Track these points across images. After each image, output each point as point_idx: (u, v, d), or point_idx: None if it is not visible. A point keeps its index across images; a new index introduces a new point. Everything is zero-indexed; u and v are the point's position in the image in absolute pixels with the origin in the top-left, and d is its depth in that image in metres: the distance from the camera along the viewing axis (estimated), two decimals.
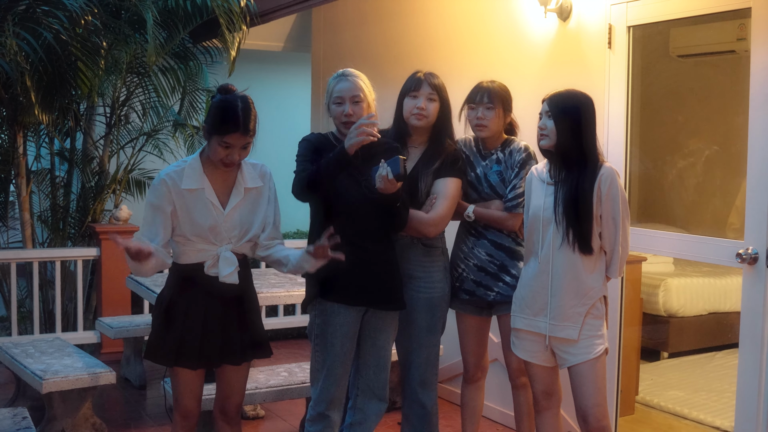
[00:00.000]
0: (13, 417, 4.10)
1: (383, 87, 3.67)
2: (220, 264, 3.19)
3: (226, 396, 3.40)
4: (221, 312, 3.26)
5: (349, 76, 3.39)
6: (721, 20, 4.66)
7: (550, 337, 3.30)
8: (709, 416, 4.92)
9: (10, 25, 5.43)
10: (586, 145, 3.24)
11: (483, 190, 3.71)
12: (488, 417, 4.97)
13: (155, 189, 3.18)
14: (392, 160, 3.14)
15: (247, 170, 3.28)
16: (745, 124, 3.64)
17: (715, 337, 6.23)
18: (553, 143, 3.26)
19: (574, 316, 3.25)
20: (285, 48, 8.30)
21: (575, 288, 3.25)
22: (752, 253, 3.56)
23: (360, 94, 3.35)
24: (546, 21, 4.55)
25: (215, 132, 3.10)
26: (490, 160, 3.73)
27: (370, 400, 3.50)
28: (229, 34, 6.28)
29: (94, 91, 6.07)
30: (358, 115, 3.33)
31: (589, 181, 3.22)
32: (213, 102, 3.16)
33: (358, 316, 3.40)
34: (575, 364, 3.28)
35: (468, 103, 3.74)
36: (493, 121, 3.68)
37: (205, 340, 3.23)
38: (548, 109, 3.26)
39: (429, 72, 3.62)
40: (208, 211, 3.18)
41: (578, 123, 3.24)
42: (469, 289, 3.72)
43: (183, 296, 3.24)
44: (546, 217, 3.29)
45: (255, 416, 5.12)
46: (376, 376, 3.48)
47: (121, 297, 6.42)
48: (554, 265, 3.27)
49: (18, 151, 6.33)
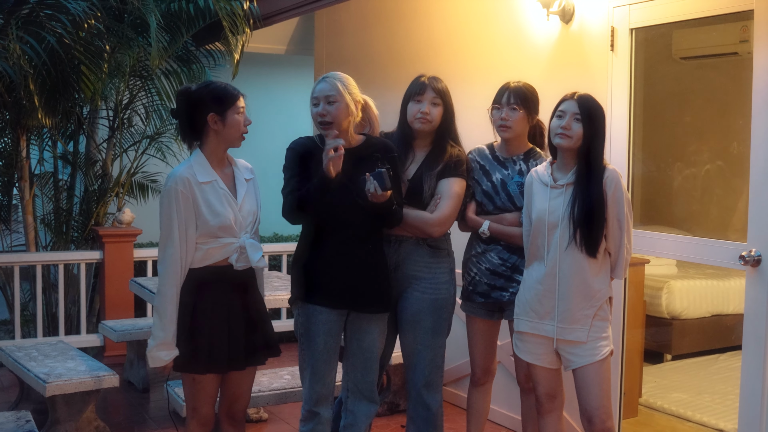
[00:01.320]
0: (17, 420, 4.11)
1: (386, 89, 3.68)
2: (249, 251, 3.24)
3: (233, 399, 3.40)
4: (242, 313, 3.28)
5: (329, 77, 3.40)
6: (723, 22, 4.65)
7: (558, 339, 3.30)
8: (713, 418, 4.91)
9: (13, 28, 5.44)
10: (601, 151, 3.27)
11: (499, 200, 3.68)
12: (493, 420, 4.96)
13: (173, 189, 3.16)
14: (376, 174, 3.16)
15: (240, 164, 3.39)
16: (748, 126, 3.63)
17: (718, 339, 6.22)
18: (576, 146, 3.25)
19: (582, 318, 3.25)
20: (288, 51, 8.31)
21: (583, 291, 3.25)
22: (755, 255, 3.56)
23: (335, 95, 3.33)
24: (548, 23, 4.55)
25: (229, 106, 3.20)
26: (513, 169, 3.70)
27: (360, 401, 3.50)
28: (232, 37, 6.29)
29: (98, 95, 6.08)
30: (331, 114, 3.33)
31: (596, 184, 3.22)
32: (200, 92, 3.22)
33: (340, 316, 3.42)
34: (581, 366, 3.28)
35: (494, 103, 3.72)
36: (517, 123, 3.65)
37: (231, 343, 3.24)
38: (577, 111, 3.24)
39: (433, 76, 3.63)
40: (226, 200, 3.21)
41: (602, 129, 3.27)
42: (484, 292, 3.72)
43: (205, 301, 3.23)
44: (552, 221, 3.28)
45: (258, 419, 5.12)
46: (363, 378, 3.49)
47: (124, 300, 6.43)
48: (561, 268, 3.27)
49: (21, 154, 6.35)
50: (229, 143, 3.28)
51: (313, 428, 3.45)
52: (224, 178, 3.27)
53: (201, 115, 3.19)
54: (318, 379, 3.42)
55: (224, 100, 3.20)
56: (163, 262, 3.18)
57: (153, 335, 3.20)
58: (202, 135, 3.24)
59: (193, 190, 3.15)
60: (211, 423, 3.34)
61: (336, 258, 3.37)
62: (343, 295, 3.38)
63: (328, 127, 3.34)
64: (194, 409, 3.30)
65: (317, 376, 3.42)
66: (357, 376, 3.49)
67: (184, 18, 6.38)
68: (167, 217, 3.15)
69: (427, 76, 3.63)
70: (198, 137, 3.26)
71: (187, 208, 3.15)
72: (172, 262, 3.15)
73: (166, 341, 3.17)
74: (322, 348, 3.40)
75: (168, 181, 3.19)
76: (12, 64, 5.49)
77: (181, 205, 3.14)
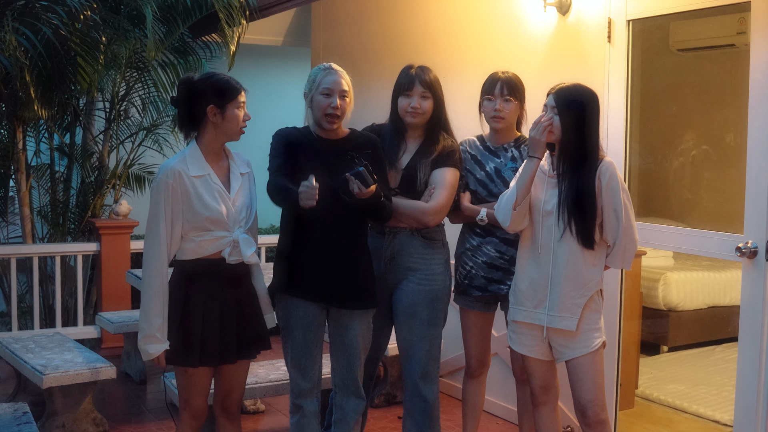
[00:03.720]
0: (14, 412, 4.12)
1: (382, 81, 3.68)
2: (242, 246, 3.22)
3: (227, 392, 3.40)
4: (234, 306, 3.27)
5: (338, 70, 3.41)
6: (720, 14, 4.65)
7: (549, 330, 3.31)
8: (709, 410, 4.93)
9: (9, 20, 5.43)
10: (589, 141, 3.24)
11: (495, 188, 3.68)
12: (489, 411, 4.97)
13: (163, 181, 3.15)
14: (356, 174, 3.14)
15: (237, 158, 3.37)
16: (745, 117, 3.63)
17: (714, 330, 6.24)
18: (557, 138, 3.26)
19: (572, 307, 3.26)
20: (284, 43, 8.30)
21: (574, 279, 3.26)
22: (752, 247, 3.57)
23: (347, 90, 3.38)
24: (545, 15, 4.54)
25: (230, 100, 3.18)
26: (505, 157, 3.71)
27: (348, 397, 3.50)
28: (228, 29, 6.28)
29: (94, 86, 6.06)
30: (343, 109, 3.36)
31: (589, 175, 3.22)
32: (202, 83, 3.20)
33: (320, 310, 3.42)
34: (573, 358, 3.29)
35: (485, 94, 3.72)
36: (511, 113, 3.67)
37: (223, 336, 3.24)
38: (554, 103, 3.25)
39: (421, 66, 3.61)
40: (219, 195, 3.20)
41: (582, 119, 3.24)
42: (481, 285, 3.72)
43: (198, 295, 3.21)
44: (546, 210, 3.29)
45: (255, 411, 5.13)
46: (348, 374, 3.47)
47: (121, 292, 6.43)
48: (555, 256, 3.27)
49: (18, 146, 6.33)
50: (227, 137, 3.26)
51: (299, 421, 3.47)
52: (219, 171, 3.26)
53: (201, 106, 3.18)
54: (298, 372, 3.43)
55: (226, 94, 3.19)
56: (147, 254, 3.17)
57: (139, 328, 3.20)
58: (199, 126, 3.23)
59: (184, 183, 3.14)
60: (203, 415, 3.35)
61: (315, 251, 3.35)
62: (321, 290, 3.37)
63: (335, 120, 3.35)
64: (186, 401, 3.31)
65: (297, 369, 3.43)
66: (342, 372, 3.48)
67: (181, 9, 6.36)
68: (155, 208, 3.15)
69: (415, 67, 3.61)
70: (195, 128, 3.25)
71: (176, 201, 3.13)
72: (155, 255, 3.14)
73: (150, 334, 3.15)
74: (301, 341, 3.40)
75: (159, 173, 3.18)
76: (8, 56, 5.47)
77: (169, 197, 3.12)
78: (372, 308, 3.49)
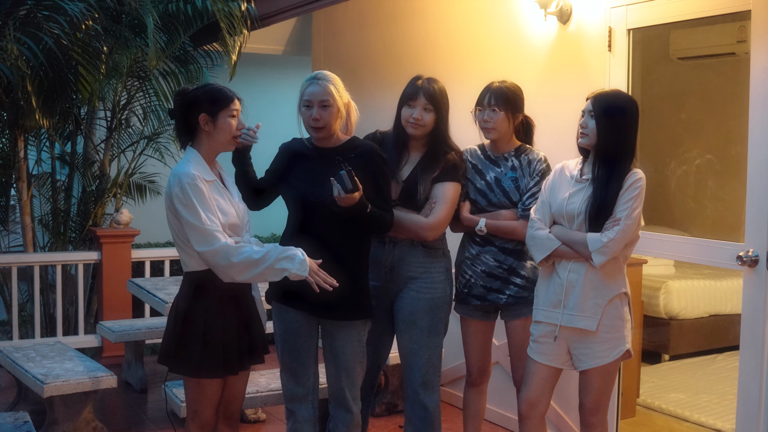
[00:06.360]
0: (15, 421, 4.11)
1: (383, 90, 3.69)
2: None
3: (229, 400, 3.39)
4: (245, 313, 3.27)
5: (321, 79, 3.37)
6: (721, 23, 4.66)
7: (569, 332, 3.30)
8: (711, 419, 4.92)
9: (11, 29, 5.44)
10: (624, 149, 3.23)
11: (494, 197, 3.68)
12: (490, 420, 4.96)
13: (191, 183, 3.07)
14: (338, 177, 3.14)
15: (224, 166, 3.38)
16: (745, 126, 3.64)
17: (715, 339, 6.23)
18: (592, 143, 3.25)
19: (593, 307, 3.26)
20: (285, 51, 8.30)
21: (593, 280, 3.25)
22: (752, 256, 3.56)
23: (329, 99, 3.33)
24: (546, 24, 4.55)
25: (221, 108, 3.16)
26: (505, 166, 3.71)
27: (339, 408, 3.48)
28: (229, 38, 6.29)
29: (95, 96, 6.07)
30: (324, 119, 3.33)
31: (616, 184, 3.20)
32: (195, 93, 3.20)
33: (309, 318, 3.41)
34: (589, 368, 3.31)
35: (476, 104, 3.72)
36: (499, 124, 3.66)
37: (241, 342, 3.23)
38: (591, 108, 3.24)
39: (428, 78, 3.60)
40: (229, 200, 3.21)
41: (620, 126, 3.23)
42: (480, 295, 3.72)
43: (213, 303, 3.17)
44: (569, 212, 3.29)
45: (256, 420, 5.12)
46: (336, 384, 3.45)
47: (122, 301, 6.42)
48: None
49: (19, 155, 6.34)
50: (220, 146, 3.22)
51: (292, 426, 3.49)
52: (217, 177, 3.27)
53: (194, 115, 3.17)
54: (290, 377, 3.45)
55: (217, 102, 3.17)
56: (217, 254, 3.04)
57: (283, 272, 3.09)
58: (194, 135, 3.22)
59: (205, 186, 3.11)
60: (211, 426, 3.32)
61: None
62: (308, 299, 3.27)
63: (319, 130, 3.35)
64: (196, 411, 3.26)
65: (288, 373, 3.45)
66: (331, 382, 3.48)
67: (182, 19, 6.38)
68: (193, 211, 3.03)
69: (423, 78, 3.61)
70: (191, 138, 3.24)
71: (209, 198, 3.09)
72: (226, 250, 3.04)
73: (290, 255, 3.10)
74: (291, 347, 3.42)
75: (179, 178, 3.07)
76: (9, 65, 5.49)
77: (206, 194, 3.06)
78: (362, 320, 3.43)
